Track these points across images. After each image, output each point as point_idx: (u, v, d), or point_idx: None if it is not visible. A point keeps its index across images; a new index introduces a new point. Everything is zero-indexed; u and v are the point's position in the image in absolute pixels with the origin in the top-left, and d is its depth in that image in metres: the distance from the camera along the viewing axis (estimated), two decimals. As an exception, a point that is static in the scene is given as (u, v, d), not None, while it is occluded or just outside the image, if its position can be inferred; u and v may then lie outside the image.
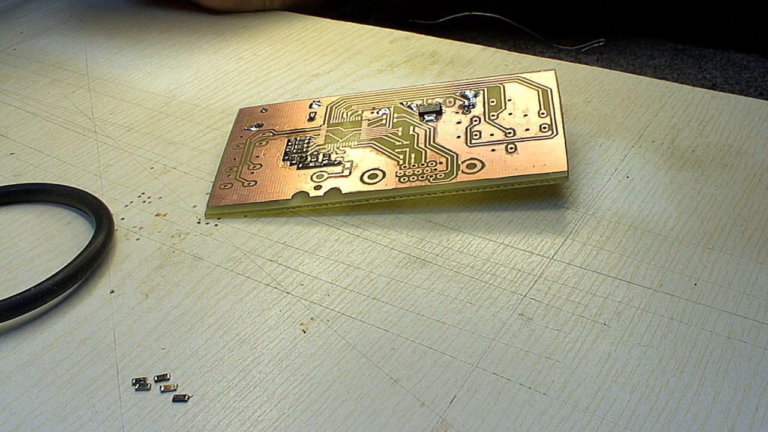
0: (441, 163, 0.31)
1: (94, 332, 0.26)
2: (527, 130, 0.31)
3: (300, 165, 0.32)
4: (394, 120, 0.34)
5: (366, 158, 0.32)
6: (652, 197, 0.30)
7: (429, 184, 0.30)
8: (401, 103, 0.34)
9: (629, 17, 0.51)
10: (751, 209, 0.29)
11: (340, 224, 0.30)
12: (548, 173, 0.29)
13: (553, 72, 0.34)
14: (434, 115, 0.33)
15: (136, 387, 0.24)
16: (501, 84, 0.34)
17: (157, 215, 0.31)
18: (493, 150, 0.31)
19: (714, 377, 0.23)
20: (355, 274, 0.28)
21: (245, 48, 0.44)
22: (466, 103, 0.34)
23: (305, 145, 0.33)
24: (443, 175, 0.30)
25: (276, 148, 0.33)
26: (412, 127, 0.33)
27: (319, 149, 0.33)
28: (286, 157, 0.33)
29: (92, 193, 0.32)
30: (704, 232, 0.28)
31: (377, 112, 0.34)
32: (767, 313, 0.25)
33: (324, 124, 0.34)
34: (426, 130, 0.33)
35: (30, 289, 0.26)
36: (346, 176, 0.31)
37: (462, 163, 0.30)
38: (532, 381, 0.23)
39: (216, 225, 0.31)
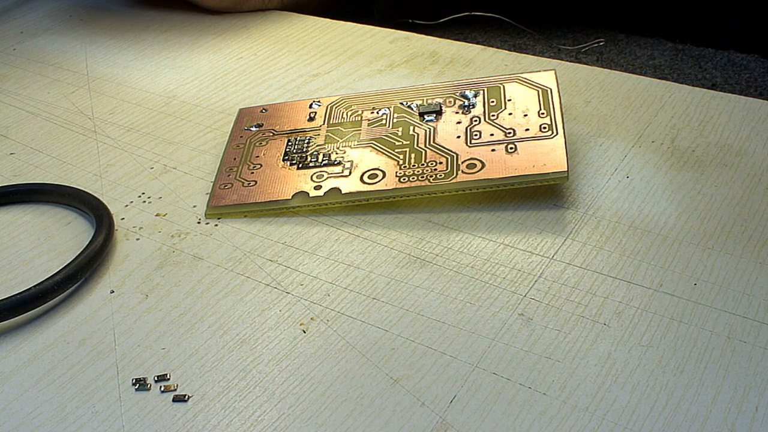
0: (441, 163, 0.31)
1: (94, 332, 0.26)
2: (527, 130, 0.31)
3: (300, 165, 0.32)
4: (394, 120, 0.34)
5: (366, 158, 0.32)
6: (652, 197, 0.30)
7: (429, 184, 0.30)
8: (401, 103, 0.34)
9: (629, 17, 0.51)
10: (751, 209, 0.29)
11: (340, 224, 0.30)
12: (548, 173, 0.29)
13: (553, 72, 0.34)
14: (434, 115, 0.33)
15: (136, 387, 0.24)
16: (501, 84, 0.34)
17: (157, 215, 0.31)
18: (493, 150, 0.31)
19: (714, 377, 0.23)
20: (355, 274, 0.28)
21: (245, 48, 0.44)
22: (466, 103, 0.34)
23: (305, 145, 0.33)
24: (443, 175, 0.30)
25: (276, 148, 0.33)
26: (412, 127, 0.33)
27: (319, 149, 0.33)
28: (286, 157, 0.33)
29: (92, 193, 0.32)
30: (704, 232, 0.28)
31: (377, 112, 0.34)
32: (767, 313, 0.25)
33: (324, 124, 0.34)
34: (426, 130, 0.33)
35: (30, 289, 0.26)
36: (346, 176, 0.31)
37: (462, 163, 0.30)
38: (532, 381, 0.23)
39: (216, 225, 0.31)
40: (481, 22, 0.51)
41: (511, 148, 0.30)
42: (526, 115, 0.32)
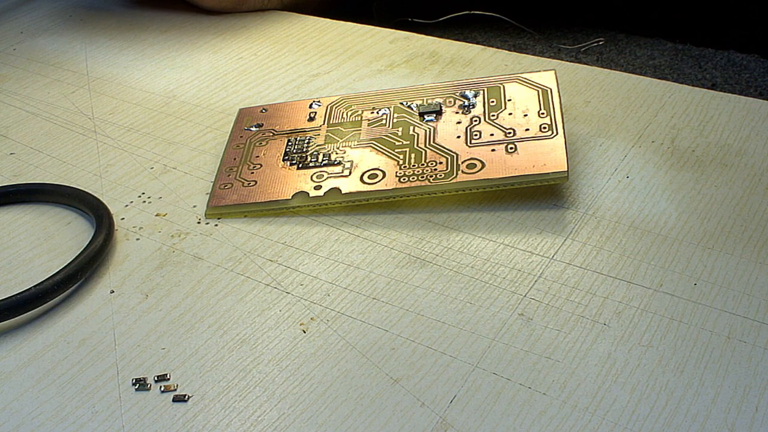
0: (441, 163, 0.31)
1: (94, 332, 0.26)
2: (527, 130, 0.31)
3: (300, 165, 0.32)
4: (394, 120, 0.34)
5: (366, 158, 0.32)
6: (652, 197, 0.30)
7: (429, 184, 0.30)
8: (401, 103, 0.34)
9: (629, 17, 0.51)
10: (751, 209, 0.29)
11: (340, 224, 0.30)
12: (548, 173, 0.29)
13: (553, 72, 0.34)
14: (434, 115, 0.33)
15: (136, 387, 0.24)
16: (501, 84, 0.34)
17: (157, 215, 0.31)
18: (493, 150, 0.31)
19: (714, 377, 0.23)
20: (355, 274, 0.28)
21: (245, 48, 0.44)
22: (466, 103, 0.34)
23: (305, 145, 0.33)
24: (443, 175, 0.30)
25: (276, 148, 0.33)
26: (412, 127, 0.33)
27: (319, 149, 0.33)
28: (286, 157, 0.33)
29: (92, 193, 0.32)
30: (704, 232, 0.28)
31: (377, 112, 0.34)
32: (767, 313, 0.25)
33: (324, 124, 0.34)
34: (426, 130, 0.33)
35: (30, 289, 0.26)
36: (346, 176, 0.31)
37: (462, 163, 0.30)
38: (532, 381, 0.23)
39: (216, 225, 0.31)
40: (481, 21, 0.51)
41: (511, 148, 0.30)
42: (526, 115, 0.32)
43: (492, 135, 0.31)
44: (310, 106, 0.36)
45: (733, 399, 0.23)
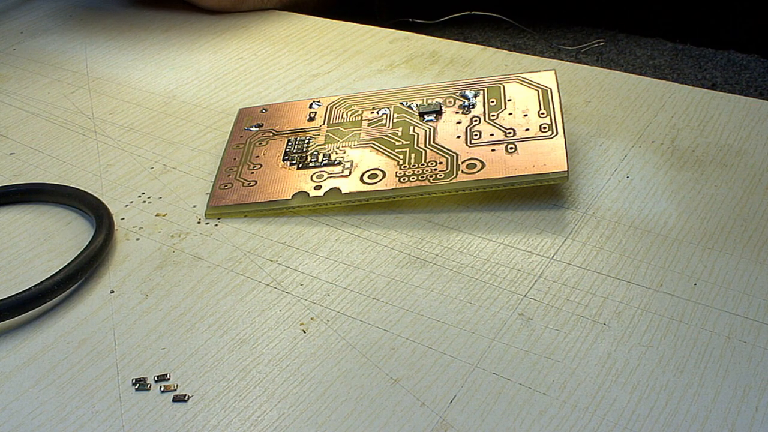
0: (441, 163, 0.31)
1: (94, 332, 0.26)
2: (527, 130, 0.31)
3: (300, 165, 0.32)
4: (394, 120, 0.34)
5: (366, 158, 0.32)
6: (652, 197, 0.30)
7: (429, 184, 0.30)
8: (401, 103, 0.34)
9: (629, 17, 0.51)
10: (751, 209, 0.29)
11: (340, 224, 0.30)
12: (548, 173, 0.29)
13: (553, 72, 0.34)
14: (434, 115, 0.33)
15: (136, 387, 0.24)
16: (501, 84, 0.34)
17: (157, 215, 0.31)
18: (493, 150, 0.31)
19: (714, 377, 0.23)
20: (355, 274, 0.28)
21: (245, 48, 0.44)
22: (466, 103, 0.34)
23: (305, 145, 0.33)
24: (443, 175, 0.30)
25: (276, 148, 0.33)
26: (412, 127, 0.33)
27: (319, 149, 0.33)
28: (286, 157, 0.33)
29: (92, 193, 0.32)
30: (704, 232, 0.28)
31: (377, 112, 0.34)
32: (767, 313, 0.25)
33: (324, 124, 0.34)
34: (426, 130, 0.33)
35: (30, 289, 0.26)
36: (346, 176, 0.31)
37: (462, 163, 0.30)
38: (532, 381, 0.23)
39: (216, 225, 0.31)
40: (481, 21, 0.51)
41: (511, 148, 0.30)
42: (526, 115, 0.32)
43: (492, 135, 0.31)
44: (310, 106, 0.36)
45: (733, 399, 0.23)
